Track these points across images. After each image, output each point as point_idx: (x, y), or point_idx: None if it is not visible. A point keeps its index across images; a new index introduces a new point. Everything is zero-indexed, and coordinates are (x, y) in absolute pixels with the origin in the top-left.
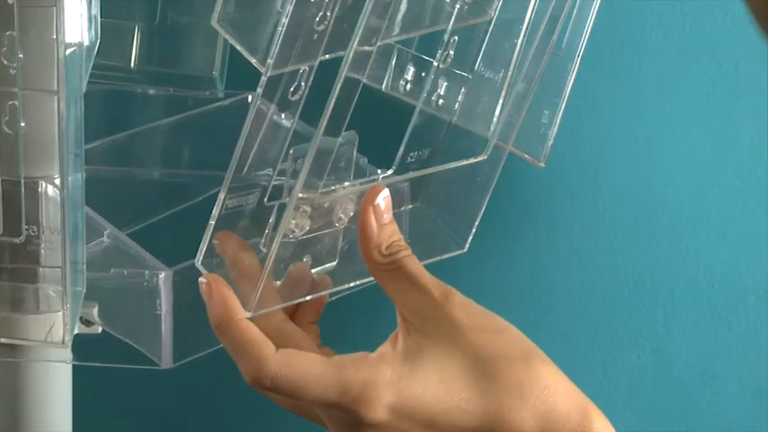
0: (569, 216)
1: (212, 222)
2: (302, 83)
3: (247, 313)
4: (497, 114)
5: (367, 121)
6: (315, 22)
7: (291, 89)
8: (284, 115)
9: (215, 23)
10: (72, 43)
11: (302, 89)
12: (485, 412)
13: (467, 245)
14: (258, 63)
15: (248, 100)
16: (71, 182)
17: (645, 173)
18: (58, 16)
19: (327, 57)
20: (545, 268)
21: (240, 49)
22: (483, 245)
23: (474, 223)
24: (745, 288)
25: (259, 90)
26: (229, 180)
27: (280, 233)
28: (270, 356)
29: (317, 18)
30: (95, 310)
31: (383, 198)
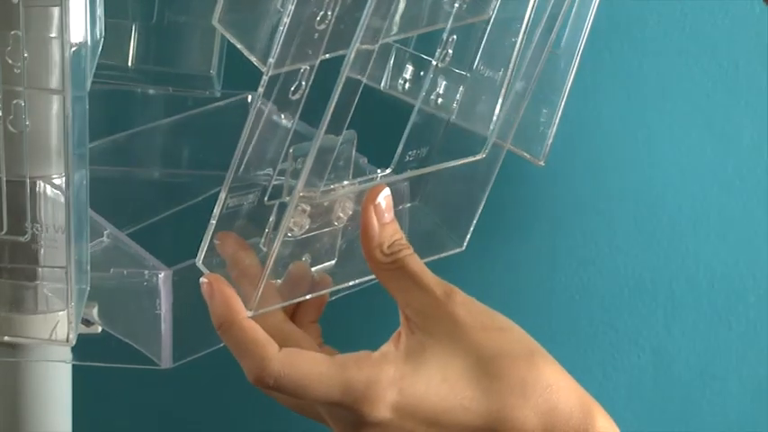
0: (569, 216)
1: (213, 222)
2: (303, 82)
3: (248, 312)
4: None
5: (366, 121)
6: (316, 21)
7: (292, 88)
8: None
9: (216, 23)
10: (76, 42)
11: (303, 88)
12: (488, 411)
13: (465, 243)
14: (259, 62)
15: (248, 100)
16: (75, 181)
17: (645, 173)
18: (63, 16)
19: (328, 56)
20: (545, 268)
21: (241, 48)
22: (483, 244)
23: (472, 222)
24: (745, 288)
25: (260, 89)
26: (230, 179)
27: (281, 232)
28: (273, 356)
29: (317, 17)
30: (95, 309)
31: (384, 197)
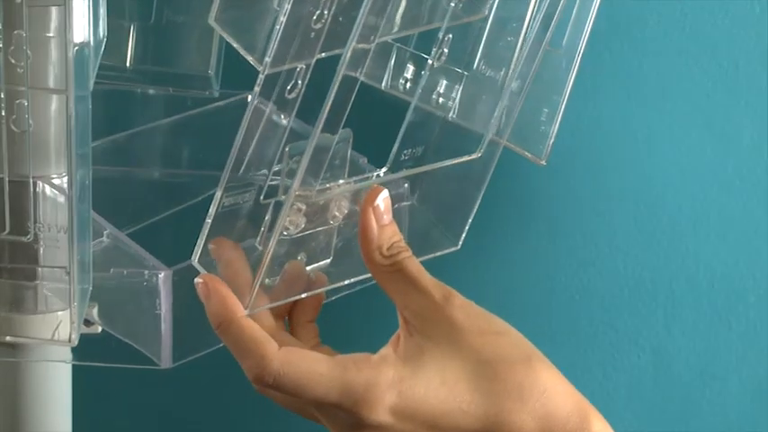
0: (569, 216)
1: (209, 220)
2: (299, 81)
3: (245, 311)
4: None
5: (367, 121)
6: (312, 20)
7: (288, 87)
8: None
9: (212, 21)
10: (79, 42)
11: (299, 87)
12: (486, 414)
13: (461, 242)
14: (255, 61)
15: (248, 100)
16: (77, 181)
17: (645, 173)
18: (66, 15)
19: (324, 55)
20: (545, 268)
21: (237, 46)
22: (483, 244)
23: (468, 220)
24: (745, 288)
25: (256, 88)
26: (226, 178)
27: (276, 231)
28: (273, 354)
29: (314, 16)
30: (95, 309)
31: (383, 199)
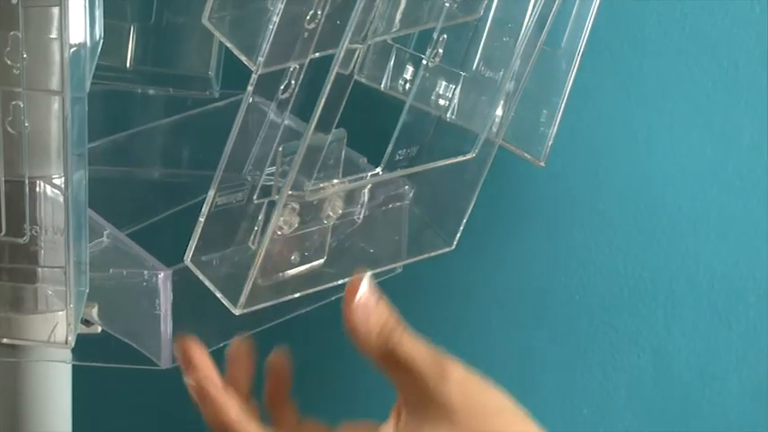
0: (569, 216)
1: (202, 219)
2: (292, 81)
3: (236, 310)
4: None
5: (366, 121)
6: (305, 20)
7: (282, 87)
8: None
9: (206, 21)
10: (76, 43)
11: (292, 87)
12: None
13: (455, 242)
14: (249, 61)
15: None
16: (74, 182)
17: (645, 173)
18: (62, 16)
19: (318, 55)
20: (545, 268)
21: (231, 46)
22: (483, 244)
23: (462, 221)
24: (745, 288)
25: (249, 88)
26: (219, 177)
27: (269, 230)
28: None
29: (307, 16)
30: (95, 310)
31: (366, 286)
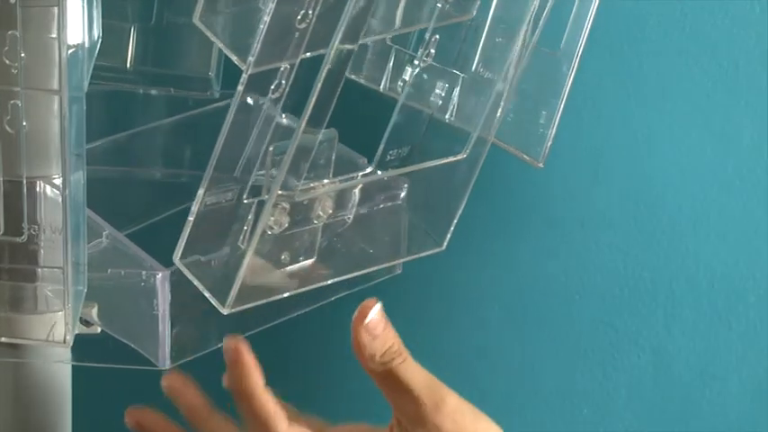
0: (569, 216)
1: (191, 219)
2: (283, 80)
3: (224, 309)
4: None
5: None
6: (296, 20)
7: (272, 87)
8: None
9: (196, 21)
10: (74, 43)
11: (283, 87)
12: None
13: (445, 243)
14: (239, 61)
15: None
16: (72, 182)
17: (645, 173)
18: (60, 16)
19: (309, 55)
20: (545, 268)
21: (221, 46)
22: (482, 245)
23: (452, 221)
24: (745, 288)
25: (240, 87)
26: (209, 177)
27: (258, 230)
28: (285, 430)
29: (298, 16)
30: (95, 310)
31: (375, 312)
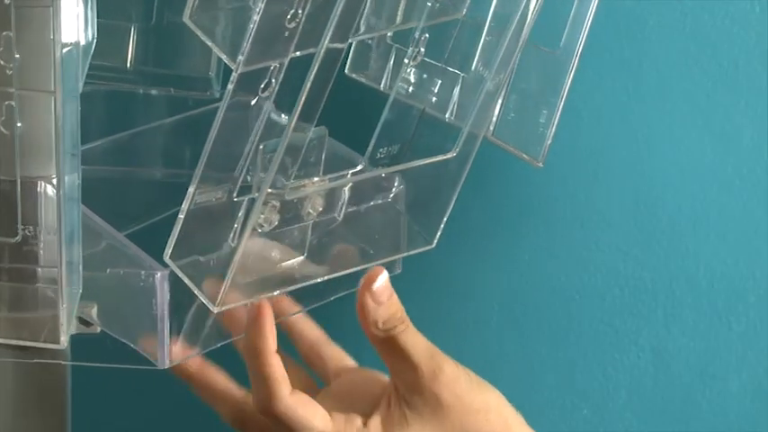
0: (569, 216)
1: (181, 217)
2: (273, 79)
3: (215, 308)
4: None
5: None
6: (286, 19)
7: (262, 86)
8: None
9: (186, 19)
10: (68, 43)
11: (273, 86)
12: None
13: (435, 241)
14: (229, 60)
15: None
16: (67, 182)
17: (645, 173)
18: (54, 16)
19: (298, 54)
20: (545, 268)
21: (211, 45)
22: (483, 245)
23: (443, 219)
24: (745, 288)
25: (230, 86)
26: (199, 175)
27: (248, 228)
28: (284, 397)
29: (288, 15)
30: (94, 310)
31: (382, 280)
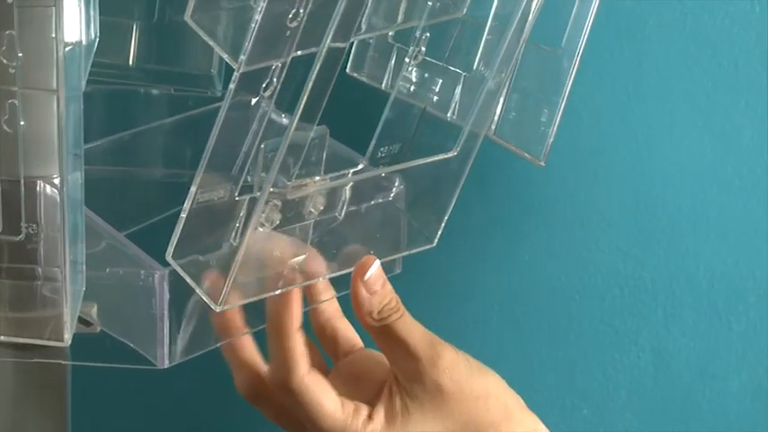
0: (569, 216)
1: (183, 216)
2: (275, 79)
3: (217, 307)
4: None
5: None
6: (288, 18)
7: (264, 85)
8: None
9: (188, 19)
10: (71, 42)
11: (275, 85)
12: None
13: (436, 239)
14: (231, 59)
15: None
16: (70, 181)
17: (645, 173)
18: (57, 15)
19: (300, 53)
20: (545, 268)
21: (213, 44)
22: (482, 245)
23: (444, 217)
24: (745, 288)
25: (232, 86)
26: (201, 174)
27: (250, 227)
28: (302, 374)
29: (289, 14)
30: (94, 309)
31: (374, 269)
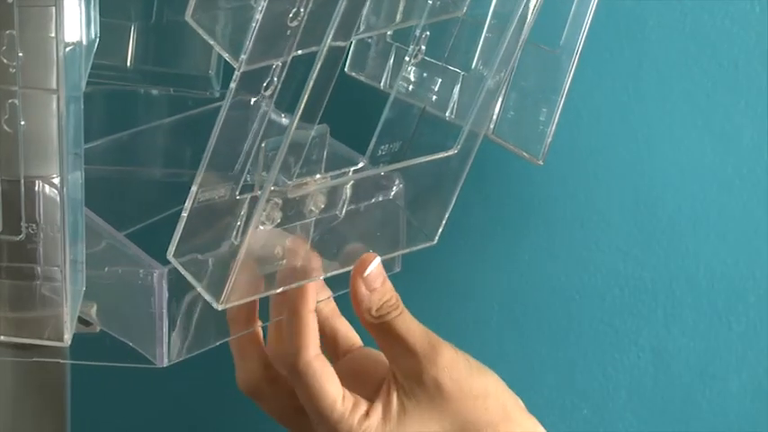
0: (569, 216)
1: (185, 215)
2: (275, 78)
3: (218, 306)
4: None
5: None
6: (288, 17)
7: (264, 84)
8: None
9: (188, 18)
10: (71, 42)
11: (275, 84)
12: None
13: (436, 237)
14: (231, 58)
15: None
16: (70, 181)
17: (645, 173)
18: (57, 15)
19: (301, 52)
20: (545, 268)
21: (213, 44)
22: (482, 245)
23: (444, 215)
24: (745, 288)
25: (232, 85)
26: (202, 173)
27: (251, 226)
28: (310, 355)
29: (290, 14)
30: (94, 309)
31: (374, 266)
